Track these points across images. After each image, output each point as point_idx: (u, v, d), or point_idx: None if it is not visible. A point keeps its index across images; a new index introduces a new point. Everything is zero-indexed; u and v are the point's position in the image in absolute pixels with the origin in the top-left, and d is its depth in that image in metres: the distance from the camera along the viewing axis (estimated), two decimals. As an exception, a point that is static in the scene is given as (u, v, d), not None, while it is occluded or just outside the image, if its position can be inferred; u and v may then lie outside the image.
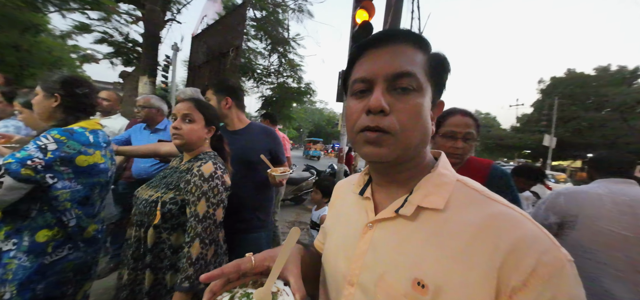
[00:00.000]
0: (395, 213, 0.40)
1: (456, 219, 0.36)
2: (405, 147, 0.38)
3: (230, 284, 0.42)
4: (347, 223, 0.48)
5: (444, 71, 0.42)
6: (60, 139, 1.02)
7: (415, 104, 0.37)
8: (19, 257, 0.95)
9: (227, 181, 1.06)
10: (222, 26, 3.71)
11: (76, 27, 5.64)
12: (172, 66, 7.57)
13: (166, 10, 5.63)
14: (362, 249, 0.42)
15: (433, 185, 0.39)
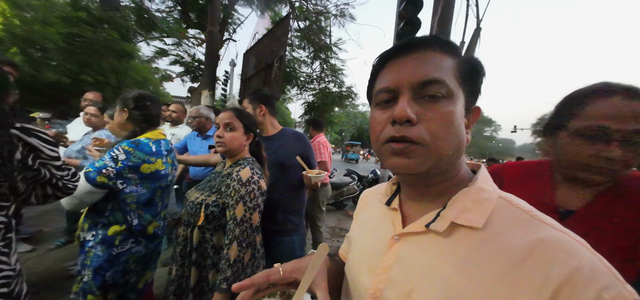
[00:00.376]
0: (426, 228, 0.37)
1: (497, 241, 0.32)
2: (438, 158, 0.35)
3: (259, 292, 0.43)
4: (372, 234, 0.46)
5: (478, 75, 0.39)
6: (128, 150, 1.18)
7: (447, 112, 0.35)
8: (95, 247, 1.13)
9: (263, 186, 1.08)
10: (269, 39, 3.95)
11: (157, 53, 6.89)
12: (230, 80, 8.47)
13: (224, 31, 6.36)
14: (388, 262, 0.40)
15: (471, 200, 0.36)
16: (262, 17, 6.94)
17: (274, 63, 3.37)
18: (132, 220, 1.21)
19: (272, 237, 1.36)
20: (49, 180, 0.81)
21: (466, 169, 0.41)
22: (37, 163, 0.77)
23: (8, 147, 0.68)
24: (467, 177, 0.40)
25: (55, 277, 2.22)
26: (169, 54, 6.82)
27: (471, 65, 0.38)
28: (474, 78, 0.39)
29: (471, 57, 0.40)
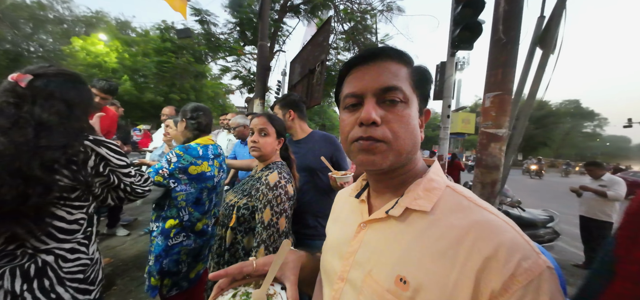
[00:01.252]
0: (386, 214, 0.42)
1: (441, 222, 0.38)
2: (398, 153, 0.41)
3: (235, 282, 0.49)
4: (343, 225, 0.52)
5: (427, 82, 0.45)
6: (179, 153, 1.36)
7: (404, 114, 0.41)
8: (157, 236, 1.34)
9: (290, 191, 1.08)
10: (312, 45, 4.06)
11: (221, 70, 7.94)
12: (281, 89, 9.08)
13: (274, 44, 6.87)
14: (354, 247, 0.45)
15: (422, 189, 0.42)
16: (309, 25, 7.22)
17: (316, 68, 3.43)
18: (183, 216, 1.38)
19: (303, 240, 1.37)
20: (118, 185, 0.91)
21: (422, 164, 0.47)
22: (107, 170, 0.87)
23: (82, 156, 0.79)
24: (422, 171, 0.46)
25: (143, 258, 2.76)
26: (230, 70, 7.80)
27: (421, 73, 0.45)
28: (424, 84, 0.45)
29: (420, 66, 0.45)
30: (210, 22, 6.96)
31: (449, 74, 4.01)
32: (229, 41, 7.21)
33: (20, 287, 0.71)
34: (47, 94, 0.76)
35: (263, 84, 4.76)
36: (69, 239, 0.80)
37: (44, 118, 0.73)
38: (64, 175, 0.74)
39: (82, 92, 0.85)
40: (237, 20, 6.78)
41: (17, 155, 0.66)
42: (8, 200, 0.64)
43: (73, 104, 0.81)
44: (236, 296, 0.45)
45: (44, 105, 0.74)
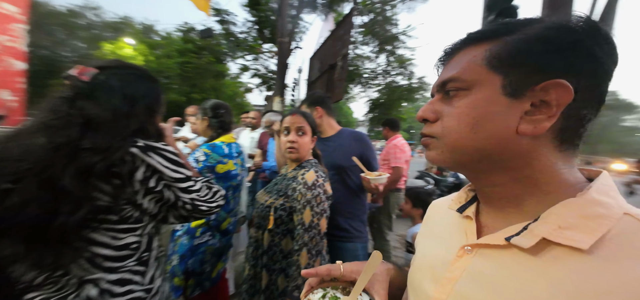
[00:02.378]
0: (506, 241, 0.32)
1: (612, 270, 0.26)
2: (452, 149, 0.36)
3: (324, 283, 0.50)
4: (440, 242, 0.44)
5: (542, 47, 0.31)
6: (207, 152, 1.34)
7: (461, 105, 0.35)
8: (182, 236, 1.34)
9: (328, 190, 1.03)
10: (332, 40, 3.97)
11: (240, 69, 8.08)
12: (298, 86, 9.09)
13: (291, 41, 6.85)
14: (455, 274, 0.37)
15: (576, 214, 0.29)
16: (326, 20, 7.11)
17: (337, 63, 3.34)
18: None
19: (334, 243, 1.32)
20: (175, 203, 0.72)
21: (574, 176, 0.34)
22: (161, 185, 0.69)
23: (128, 168, 0.63)
24: (574, 186, 0.32)
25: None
26: (249, 69, 7.91)
27: (522, 42, 0.32)
28: (526, 54, 0.32)
29: (533, 32, 0.32)
30: (230, 22, 7.08)
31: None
32: (248, 40, 7.30)
33: None
34: (106, 87, 0.65)
35: (282, 82, 4.76)
36: (117, 267, 0.65)
37: (94, 114, 0.61)
38: (103, 190, 0.60)
39: (149, 89, 0.73)
40: (256, 19, 6.84)
41: (52, 161, 0.56)
42: (32, 218, 0.54)
43: (136, 99, 0.68)
44: (325, 297, 0.47)
45: (99, 100, 0.63)
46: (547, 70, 0.31)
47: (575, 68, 0.30)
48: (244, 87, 11.89)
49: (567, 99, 0.30)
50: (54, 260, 0.56)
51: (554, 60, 0.31)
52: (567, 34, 0.30)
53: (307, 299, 0.46)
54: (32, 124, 0.60)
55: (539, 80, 0.31)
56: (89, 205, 0.58)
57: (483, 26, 0.38)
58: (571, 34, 0.30)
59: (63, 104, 0.61)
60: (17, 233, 0.54)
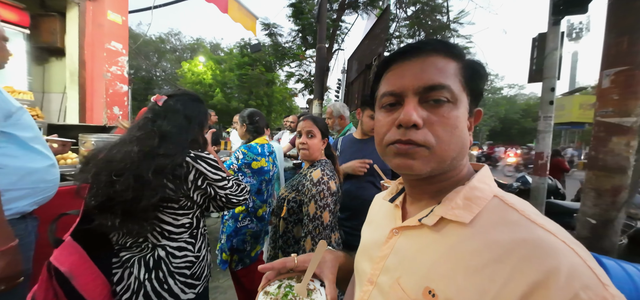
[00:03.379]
0: (419, 222, 0.40)
1: (481, 236, 0.34)
2: (441, 160, 0.37)
3: (280, 275, 0.54)
4: (376, 228, 0.51)
5: (481, 78, 0.41)
6: (244, 151, 1.61)
7: (451, 116, 0.37)
8: (228, 220, 1.63)
9: (333, 187, 1.13)
10: (369, 39, 3.96)
11: (287, 76, 8.69)
12: (341, 87, 9.20)
13: (333, 43, 7.02)
14: (385, 252, 0.44)
15: (462, 197, 0.38)
16: (369, 18, 7.02)
17: (372, 62, 3.34)
18: (248, 203, 1.64)
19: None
20: (214, 196, 0.96)
21: (469, 170, 0.42)
22: (205, 184, 0.93)
23: (183, 171, 0.87)
24: (466, 177, 0.41)
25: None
26: (294, 75, 8.45)
27: (474, 69, 0.40)
28: (477, 81, 0.40)
29: (472, 60, 0.40)
30: (277, 34, 7.71)
31: (551, 48, 3.12)
32: (292, 48, 7.80)
33: (143, 275, 0.85)
34: (173, 110, 0.92)
35: (321, 85, 4.95)
36: (176, 238, 0.90)
37: (166, 130, 0.87)
38: (169, 187, 0.84)
39: (199, 109, 0.99)
40: (299, 27, 7.25)
41: (142, 162, 0.80)
42: (128, 200, 0.77)
43: (191, 118, 0.95)
44: (281, 287, 0.50)
45: (170, 119, 0.90)
46: (479, 98, 0.41)
47: (480, 97, 0.41)
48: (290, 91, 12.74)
49: (479, 120, 0.43)
50: (138, 230, 0.81)
51: (482, 90, 0.41)
52: (484, 70, 0.41)
53: (265, 291, 0.49)
54: (128, 136, 0.89)
55: (476, 105, 0.41)
56: (162, 193, 0.82)
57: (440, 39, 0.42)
58: (484, 71, 0.41)
59: (147, 123, 0.90)
60: (118, 209, 0.79)
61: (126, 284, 0.85)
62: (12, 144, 0.92)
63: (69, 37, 2.94)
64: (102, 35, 2.99)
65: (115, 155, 0.83)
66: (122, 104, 3.21)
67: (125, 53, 3.19)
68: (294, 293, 0.48)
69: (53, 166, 1.07)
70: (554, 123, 3.06)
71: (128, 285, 0.85)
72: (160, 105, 0.93)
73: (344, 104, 2.46)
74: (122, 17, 3.14)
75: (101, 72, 3.01)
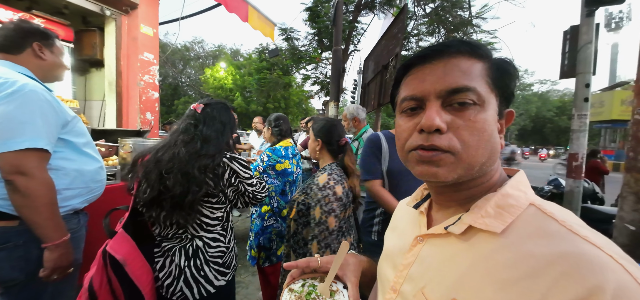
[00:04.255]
0: (445, 230, 0.38)
1: (515, 248, 0.32)
2: (468, 166, 0.35)
3: (305, 274, 0.55)
4: (400, 235, 0.50)
5: (511, 78, 0.38)
6: (269, 154, 1.68)
7: (478, 120, 0.35)
8: (256, 218, 1.70)
9: (339, 192, 1.12)
10: (386, 39, 3.91)
11: (303, 78, 8.80)
12: (357, 88, 9.15)
13: (349, 45, 7.01)
14: (409, 260, 0.42)
15: (494, 205, 0.35)
16: (386, 18, 6.93)
17: (389, 63, 3.30)
18: (273, 203, 1.70)
19: None
20: (244, 193, 1.08)
21: (502, 175, 0.40)
22: (237, 181, 1.05)
23: (221, 170, 0.99)
24: (498, 183, 0.39)
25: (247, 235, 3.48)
26: (311, 77, 8.55)
27: (503, 68, 0.38)
28: (507, 81, 0.38)
29: (500, 59, 0.38)
30: (294, 38, 7.84)
31: (585, 42, 2.90)
32: (309, 51, 7.89)
33: (183, 262, 0.95)
34: (211, 116, 1.03)
35: (337, 87, 4.96)
36: (211, 230, 1.01)
37: (207, 134, 0.99)
38: (209, 184, 0.96)
39: (230, 115, 1.11)
40: (315, 31, 7.32)
41: (188, 161, 0.92)
42: (177, 194, 0.89)
43: (225, 123, 1.06)
44: (304, 286, 0.51)
45: (209, 125, 1.01)
46: (510, 99, 0.39)
47: (512, 96, 0.39)
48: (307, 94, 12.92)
49: (511, 122, 0.40)
50: (184, 220, 0.92)
51: (513, 90, 0.39)
52: (514, 69, 0.38)
53: (289, 288, 0.51)
54: (173, 140, 0.99)
55: (506, 106, 0.39)
56: (206, 189, 0.94)
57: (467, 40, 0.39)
58: (514, 70, 0.38)
59: (190, 127, 1.01)
60: (168, 203, 0.91)
61: (168, 271, 0.95)
62: (68, 149, 1.04)
63: (107, 50, 3.21)
64: (136, 47, 3.24)
65: (162, 156, 0.93)
66: (153, 109, 3.44)
67: (156, 63, 3.42)
68: (317, 292, 0.49)
69: (101, 168, 1.19)
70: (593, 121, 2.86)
71: (169, 271, 0.95)
72: (199, 112, 1.03)
73: (359, 106, 2.42)
74: (154, 29, 3.38)
75: (135, 81, 3.25)
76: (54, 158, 0.98)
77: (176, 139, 0.97)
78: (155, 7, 3.41)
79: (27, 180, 0.85)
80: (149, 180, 0.91)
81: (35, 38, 1.02)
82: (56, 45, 1.10)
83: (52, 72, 1.10)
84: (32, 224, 0.88)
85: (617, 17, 21.57)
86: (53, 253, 0.91)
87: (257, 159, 2.11)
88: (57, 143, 0.99)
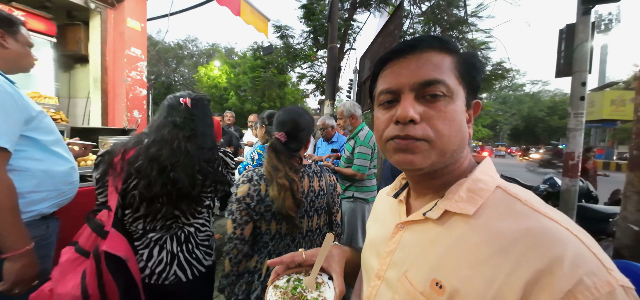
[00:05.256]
0: (423, 216, 0.41)
1: (485, 227, 0.35)
2: (441, 152, 0.38)
3: (289, 269, 0.55)
4: (382, 224, 0.52)
5: (476, 71, 0.41)
6: (260, 152, 1.60)
7: (448, 110, 0.37)
8: None
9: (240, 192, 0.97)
10: (382, 37, 3.86)
11: (298, 77, 8.71)
12: (353, 87, 9.11)
13: (344, 43, 6.94)
14: (391, 248, 0.44)
15: (465, 190, 0.38)
16: (382, 16, 6.89)
17: (385, 60, 3.25)
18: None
19: None
20: (229, 182, 1.15)
21: (471, 162, 0.43)
22: (226, 171, 1.14)
23: (217, 163, 1.06)
24: (468, 169, 0.42)
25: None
26: (306, 76, 8.45)
27: (469, 62, 0.41)
28: (473, 74, 0.41)
29: (469, 53, 0.42)
30: (289, 36, 7.74)
31: (581, 40, 2.89)
32: (304, 49, 7.79)
33: (176, 248, 1.00)
34: (203, 112, 1.05)
35: (333, 86, 4.89)
36: (200, 217, 1.08)
37: (203, 129, 1.03)
38: (213, 175, 1.04)
39: (211, 110, 1.15)
40: (311, 28, 7.24)
41: (195, 155, 0.98)
42: (184, 187, 0.94)
43: (211, 118, 1.10)
44: (290, 281, 0.51)
45: (203, 120, 1.03)
46: (476, 90, 0.42)
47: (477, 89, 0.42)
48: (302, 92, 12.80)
49: (478, 111, 0.43)
50: (194, 208, 1.02)
51: (478, 82, 0.41)
52: (479, 63, 0.41)
53: (274, 285, 0.51)
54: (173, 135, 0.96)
55: (473, 97, 0.42)
56: (212, 179, 1.03)
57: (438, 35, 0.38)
58: (480, 63, 0.42)
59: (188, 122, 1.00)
60: (172, 196, 0.94)
61: (157, 259, 0.97)
62: (33, 147, 0.94)
63: (92, 45, 3.08)
64: (123, 42, 3.11)
65: (158, 152, 0.92)
66: (141, 107, 3.32)
67: (144, 58, 3.30)
68: (303, 286, 0.49)
69: (73, 169, 1.09)
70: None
71: (160, 259, 0.98)
72: (190, 107, 1.01)
73: (355, 103, 2.37)
74: (141, 23, 3.25)
75: (122, 77, 3.12)
76: (16, 158, 0.88)
77: (177, 133, 0.97)
78: (143, 1, 3.28)
79: None
80: (147, 176, 0.90)
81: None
82: (21, 32, 1.00)
83: (16, 63, 1.00)
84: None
85: (607, 19, 21.98)
86: (15, 264, 0.82)
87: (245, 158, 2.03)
88: (21, 141, 0.90)
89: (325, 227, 1.06)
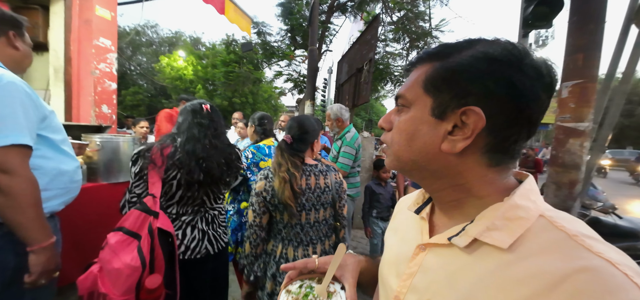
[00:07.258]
0: (448, 241, 0.37)
1: (526, 264, 0.30)
2: (396, 158, 0.41)
3: (302, 275, 0.56)
4: (402, 240, 0.49)
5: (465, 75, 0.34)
6: (253, 151, 1.71)
7: (402, 120, 0.40)
8: (233, 215, 1.72)
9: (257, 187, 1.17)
10: (360, 44, 4.14)
11: (275, 75, 8.69)
12: (328, 87, 9.36)
13: (322, 45, 7.14)
14: (412, 269, 0.41)
15: (501, 217, 0.33)
16: (356, 21, 7.22)
17: (363, 66, 3.52)
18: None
19: None
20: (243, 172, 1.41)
21: (505, 182, 0.37)
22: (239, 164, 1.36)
23: (235, 155, 1.28)
24: (504, 191, 0.36)
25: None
26: (283, 74, 8.47)
27: (451, 68, 0.35)
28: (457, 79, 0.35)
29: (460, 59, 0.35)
30: (266, 33, 7.67)
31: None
32: (281, 48, 7.81)
33: (205, 226, 1.21)
34: (219, 116, 1.25)
35: (313, 87, 5.08)
36: (221, 203, 1.32)
37: (222, 130, 1.25)
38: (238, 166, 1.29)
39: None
40: (289, 27, 7.28)
41: (224, 150, 1.21)
42: (217, 175, 1.16)
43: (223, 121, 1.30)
44: (302, 287, 0.52)
45: (220, 122, 1.24)
46: (466, 96, 0.34)
47: (494, 94, 0.33)
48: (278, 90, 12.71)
49: (481, 123, 0.33)
50: (223, 192, 1.28)
51: (472, 87, 0.34)
52: (485, 63, 0.33)
53: (287, 290, 0.51)
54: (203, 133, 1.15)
55: (458, 105, 0.34)
56: (234, 168, 1.26)
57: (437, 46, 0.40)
58: (490, 64, 0.33)
59: (211, 124, 1.19)
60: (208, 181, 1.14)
61: (191, 237, 1.17)
62: (45, 146, 0.96)
63: (53, 32, 2.80)
64: (90, 31, 2.88)
65: (193, 147, 1.11)
66: (110, 102, 3.11)
67: (114, 50, 3.10)
68: (315, 294, 0.49)
69: (79, 168, 1.11)
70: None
71: (193, 237, 1.17)
72: (211, 111, 1.22)
73: (343, 106, 2.51)
74: (111, 12, 3.04)
75: (89, 70, 2.90)
76: (31, 156, 0.90)
77: (205, 132, 1.16)
78: (114, -11, 3.07)
79: (10, 178, 0.78)
80: (188, 166, 1.08)
81: (10, 26, 0.92)
82: (26, 34, 1.00)
83: (23, 63, 1.00)
84: (17, 225, 0.82)
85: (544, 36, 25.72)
86: (40, 256, 0.85)
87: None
88: (35, 139, 0.92)
89: (331, 218, 1.24)
